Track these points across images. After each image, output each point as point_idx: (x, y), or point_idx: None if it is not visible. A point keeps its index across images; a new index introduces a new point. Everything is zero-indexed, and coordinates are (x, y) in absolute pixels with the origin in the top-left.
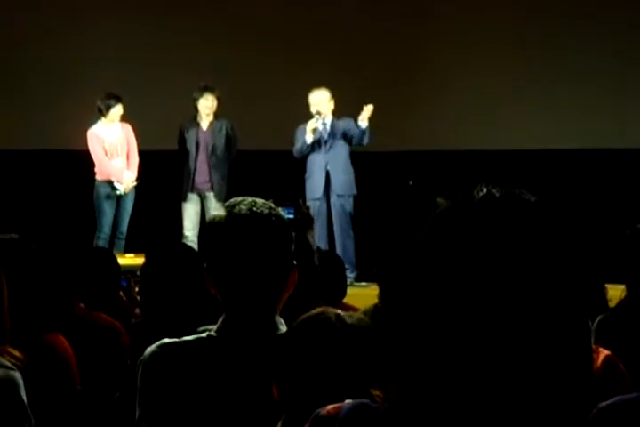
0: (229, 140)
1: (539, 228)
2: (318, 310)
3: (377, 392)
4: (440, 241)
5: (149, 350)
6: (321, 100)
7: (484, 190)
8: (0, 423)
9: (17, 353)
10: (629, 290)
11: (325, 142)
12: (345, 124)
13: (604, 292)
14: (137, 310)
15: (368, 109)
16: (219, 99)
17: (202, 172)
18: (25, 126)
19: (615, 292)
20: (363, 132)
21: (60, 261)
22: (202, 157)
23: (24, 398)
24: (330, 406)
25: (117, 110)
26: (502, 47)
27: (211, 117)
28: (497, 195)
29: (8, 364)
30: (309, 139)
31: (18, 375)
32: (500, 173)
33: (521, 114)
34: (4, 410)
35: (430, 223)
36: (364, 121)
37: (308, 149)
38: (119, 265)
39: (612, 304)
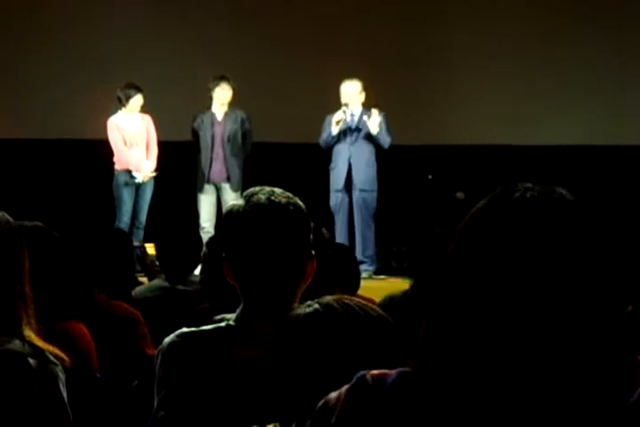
0: (244, 130)
1: (577, 225)
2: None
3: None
4: (480, 237)
5: (168, 339)
6: (351, 92)
7: (523, 188)
8: (38, 419)
9: (59, 352)
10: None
11: (352, 134)
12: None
13: None
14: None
15: (373, 114)
16: (234, 89)
17: (217, 162)
18: (47, 116)
19: None
20: (376, 137)
21: (82, 250)
22: (217, 147)
23: (64, 395)
24: (375, 372)
25: (137, 100)
26: (519, 44)
27: (225, 108)
28: (536, 193)
29: (52, 359)
30: (335, 130)
31: (60, 371)
32: (518, 167)
33: (538, 109)
34: (43, 405)
35: (469, 220)
36: (374, 127)
37: (334, 140)
38: (133, 245)
39: None
